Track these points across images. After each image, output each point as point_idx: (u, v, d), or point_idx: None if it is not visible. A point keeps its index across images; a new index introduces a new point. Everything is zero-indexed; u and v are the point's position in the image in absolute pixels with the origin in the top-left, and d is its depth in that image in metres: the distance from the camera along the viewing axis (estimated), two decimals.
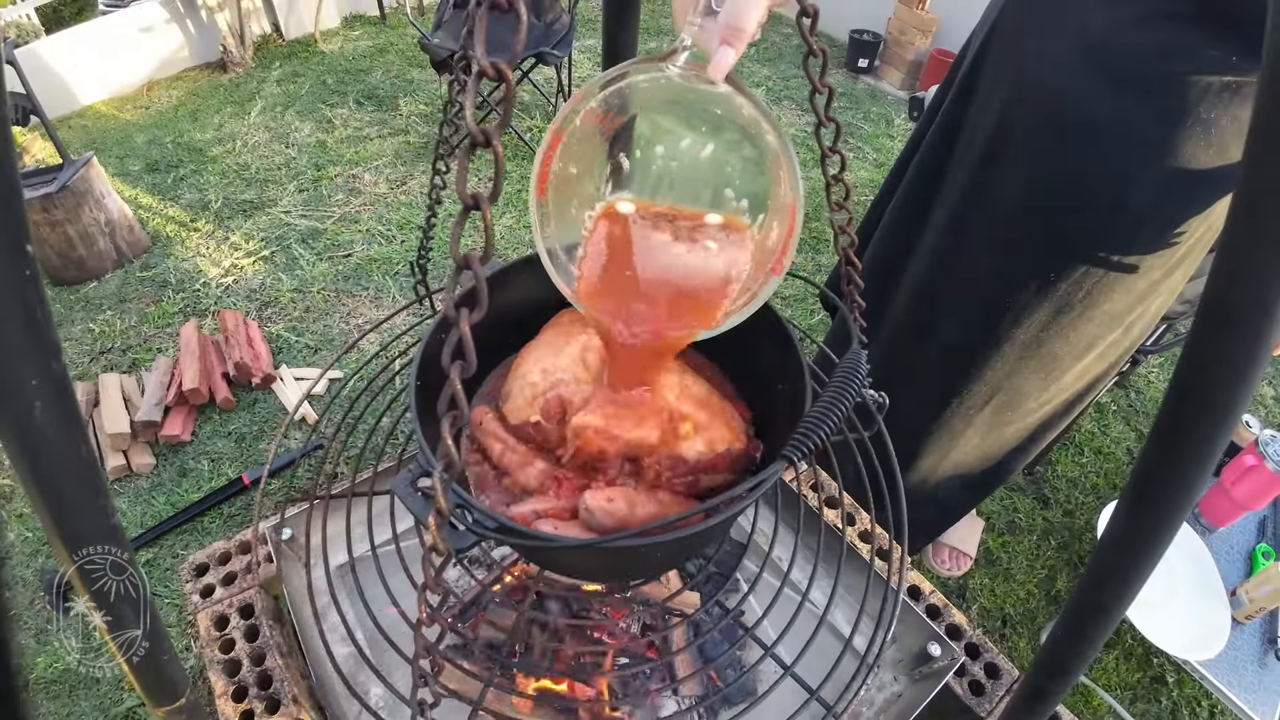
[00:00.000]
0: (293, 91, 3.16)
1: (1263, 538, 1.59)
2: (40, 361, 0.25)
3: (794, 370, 0.53)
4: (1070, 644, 0.47)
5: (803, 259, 2.46)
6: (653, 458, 0.52)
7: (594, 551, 0.46)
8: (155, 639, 0.42)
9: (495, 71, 0.24)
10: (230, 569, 1.10)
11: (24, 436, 0.27)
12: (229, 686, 0.95)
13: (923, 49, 3.36)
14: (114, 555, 0.35)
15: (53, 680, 1.35)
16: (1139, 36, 0.76)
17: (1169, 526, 0.37)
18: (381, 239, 2.39)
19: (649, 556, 0.49)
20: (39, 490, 0.30)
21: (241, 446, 1.75)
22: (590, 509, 0.48)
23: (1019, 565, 1.66)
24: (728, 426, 0.54)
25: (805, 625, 0.64)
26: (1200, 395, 0.32)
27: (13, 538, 1.57)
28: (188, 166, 2.69)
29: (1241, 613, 1.40)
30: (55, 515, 0.31)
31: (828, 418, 0.39)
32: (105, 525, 0.33)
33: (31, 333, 0.24)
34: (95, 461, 0.31)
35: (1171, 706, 1.46)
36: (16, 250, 0.23)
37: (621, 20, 0.79)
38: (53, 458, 0.29)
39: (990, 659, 1.00)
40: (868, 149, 3.03)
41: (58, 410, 0.27)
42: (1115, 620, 0.44)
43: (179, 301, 2.13)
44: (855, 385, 0.41)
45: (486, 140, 0.24)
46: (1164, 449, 0.34)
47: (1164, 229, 0.85)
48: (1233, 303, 0.30)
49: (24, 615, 1.44)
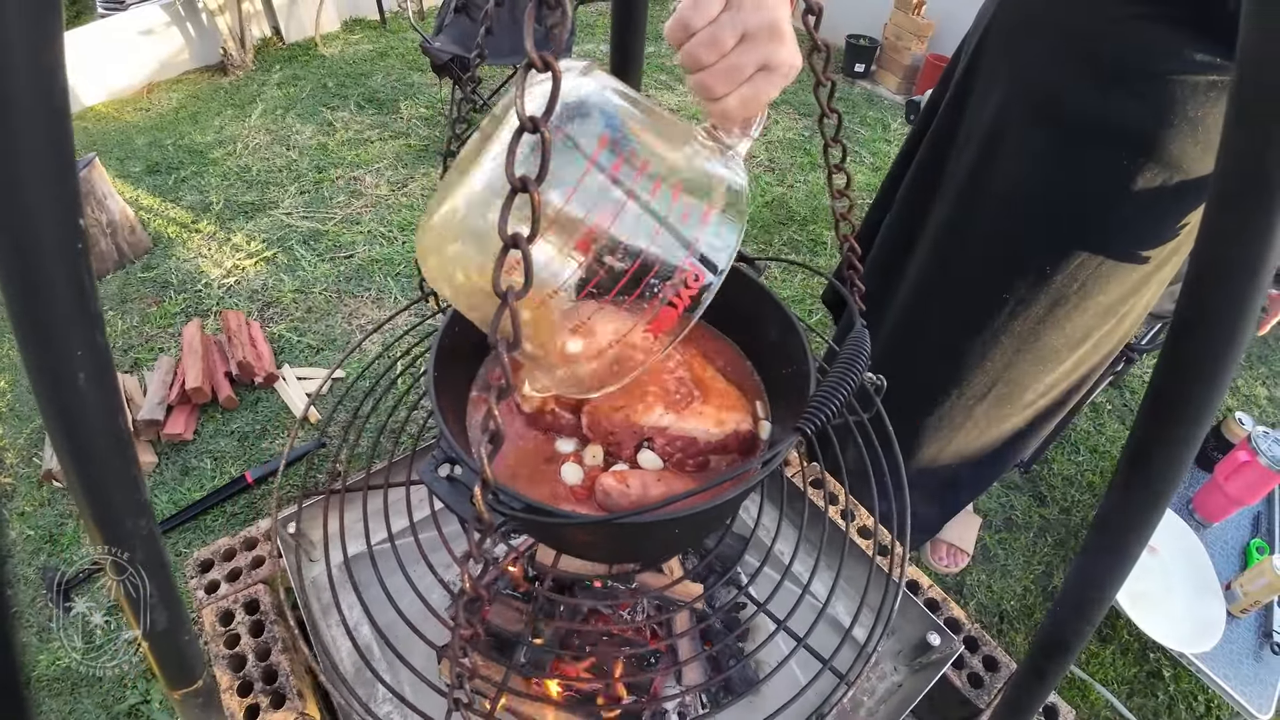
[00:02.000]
0: (293, 94, 3.18)
1: (1257, 533, 1.61)
2: (86, 332, 0.26)
3: (798, 353, 0.55)
4: (1068, 621, 0.48)
5: (802, 260, 2.48)
6: (664, 439, 0.53)
7: (611, 529, 0.47)
8: (176, 618, 0.43)
9: (544, 64, 0.25)
10: (235, 565, 1.11)
11: (65, 405, 0.28)
12: (234, 681, 0.96)
13: (919, 54, 3.39)
14: (142, 529, 0.36)
15: (55, 678, 1.35)
16: (1128, 37, 0.79)
17: (1161, 499, 0.38)
18: (383, 240, 2.40)
19: (665, 533, 0.50)
20: (74, 460, 0.31)
21: (244, 445, 1.76)
22: (606, 490, 0.50)
23: (1016, 562, 1.67)
24: (736, 408, 0.56)
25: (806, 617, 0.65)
26: (1187, 373, 0.33)
27: (15, 536, 1.57)
28: (189, 168, 2.70)
29: (1236, 607, 1.41)
30: (87, 486, 0.33)
31: (837, 392, 0.40)
32: (136, 500, 0.34)
33: (81, 303, 0.26)
34: (130, 437, 0.32)
35: (1168, 701, 1.48)
36: (70, 223, 0.24)
37: (629, 25, 0.81)
38: (91, 429, 0.30)
39: (989, 652, 1.01)
40: (864, 153, 3.06)
41: (99, 382, 0.28)
42: (1110, 596, 0.45)
43: (180, 302, 2.14)
44: (862, 361, 0.43)
45: (535, 127, 0.26)
46: (1156, 422, 0.35)
47: (1155, 224, 0.87)
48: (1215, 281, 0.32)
49: (26, 613, 1.44)
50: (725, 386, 0.58)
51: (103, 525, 0.34)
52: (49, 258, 0.24)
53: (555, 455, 0.56)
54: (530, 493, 0.51)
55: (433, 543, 0.73)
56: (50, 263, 0.24)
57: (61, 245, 0.24)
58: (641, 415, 0.53)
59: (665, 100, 3.30)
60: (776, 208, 2.70)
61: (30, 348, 0.27)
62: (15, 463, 1.72)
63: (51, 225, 0.23)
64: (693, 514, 0.43)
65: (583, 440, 0.57)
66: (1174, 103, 0.77)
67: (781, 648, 0.79)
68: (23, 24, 0.21)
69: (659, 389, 0.54)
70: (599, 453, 0.55)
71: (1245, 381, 2.25)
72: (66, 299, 0.25)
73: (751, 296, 0.62)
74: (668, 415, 0.53)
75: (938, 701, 1.01)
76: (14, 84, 0.22)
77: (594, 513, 0.49)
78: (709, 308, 0.52)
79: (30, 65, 0.22)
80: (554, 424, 0.57)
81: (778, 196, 2.76)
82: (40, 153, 0.23)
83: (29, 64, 0.22)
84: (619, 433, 0.53)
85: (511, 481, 0.54)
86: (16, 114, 0.22)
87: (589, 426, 0.55)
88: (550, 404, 0.56)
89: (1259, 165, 0.28)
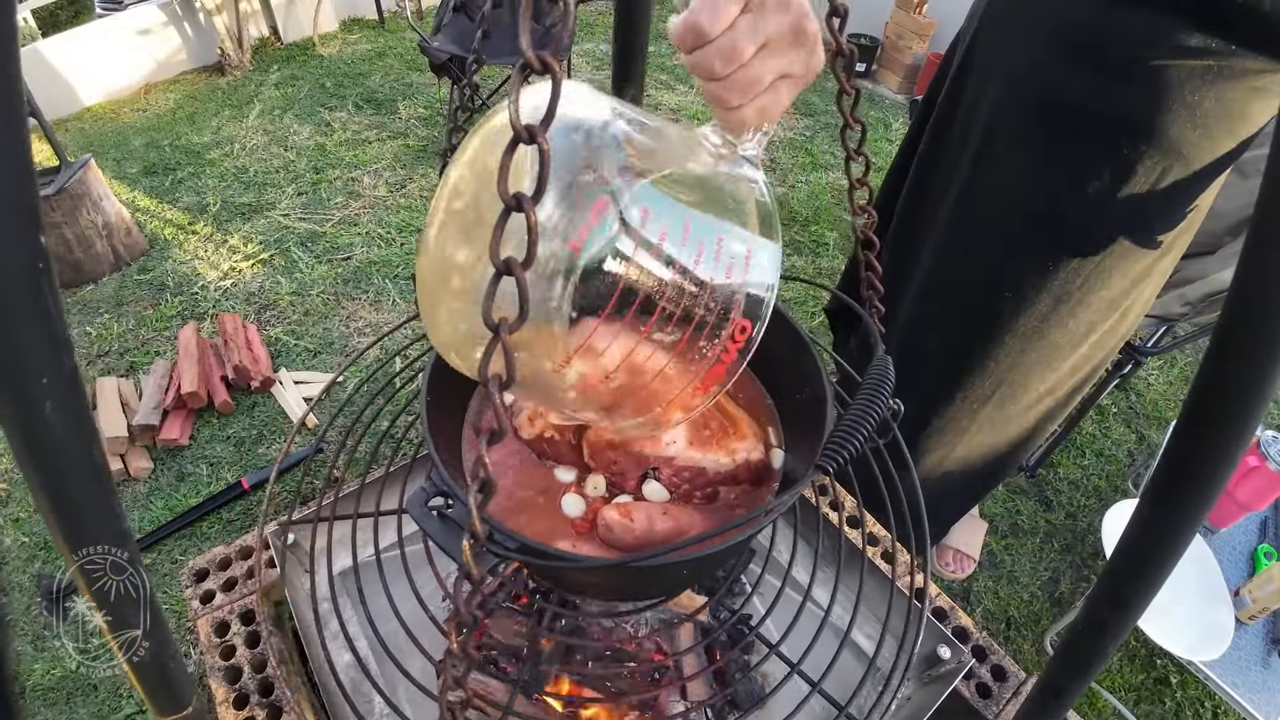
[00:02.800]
0: (291, 95, 3.15)
1: (1264, 538, 1.59)
2: (52, 357, 0.25)
3: (813, 376, 0.52)
4: (1088, 641, 0.46)
5: (803, 262, 2.46)
6: (671, 469, 0.50)
7: (616, 571, 0.45)
8: (160, 642, 0.41)
9: (542, 64, 0.23)
10: (231, 574, 1.09)
11: (32, 436, 0.27)
12: (230, 693, 0.94)
13: (920, 53, 3.37)
14: (118, 556, 0.34)
15: (50, 687, 1.33)
16: (1120, 22, 0.77)
17: (1191, 523, 0.36)
18: (381, 242, 2.38)
19: (674, 574, 0.47)
20: (46, 493, 0.29)
21: (240, 451, 1.74)
22: (609, 524, 0.46)
23: (1022, 568, 1.66)
24: (748, 436, 0.53)
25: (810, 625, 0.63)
26: (1224, 395, 0.31)
27: (9, 542, 1.55)
28: (186, 169, 2.68)
29: (1245, 613, 1.40)
30: (62, 518, 0.31)
31: (861, 426, 0.38)
32: (115, 529, 0.32)
33: (44, 327, 0.24)
34: (105, 463, 0.30)
35: (1175, 708, 1.46)
36: (30, 240, 0.22)
37: (631, 24, 0.79)
38: (62, 459, 0.28)
39: (997, 661, 0.99)
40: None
41: (69, 409, 0.26)
42: (1135, 618, 0.43)
43: (177, 305, 2.12)
44: (886, 393, 0.40)
45: (531, 136, 0.24)
46: (1188, 446, 0.33)
47: (1158, 210, 0.86)
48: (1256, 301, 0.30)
49: (21, 621, 1.42)
50: (736, 412, 0.56)
51: (78, 556, 0.32)
52: (7, 280, 0.22)
53: (555, 485, 0.53)
54: (527, 526, 0.48)
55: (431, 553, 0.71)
56: (8, 285, 0.22)
57: (22, 267, 0.22)
58: (647, 443, 0.50)
59: (665, 101, 3.28)
60: (778, 209, 2.68)
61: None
62: (10, 468, 1.70)
63: (8, 245, 0.22)
64: (701, 557, 0.41)
65: (584, 469, 0.53)
66: (1169, 88, 0.76)
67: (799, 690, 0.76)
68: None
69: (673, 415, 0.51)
70: (601, 483, 0.52)
71: None
72: (28, 324, 0.23)
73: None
74: (675, 444, 0.50)
75: (947, 713, 0.99)
76: None
77: (595, 549, 0.46)
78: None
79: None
80: (553, 452, 0.54)
81: (779, 197, 2.74)
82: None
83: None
84: (622, 462, 0.50)
85: (508, 513, 0.51)
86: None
87: (591, 455, 0.52)
88: (550, 430, 0.53)
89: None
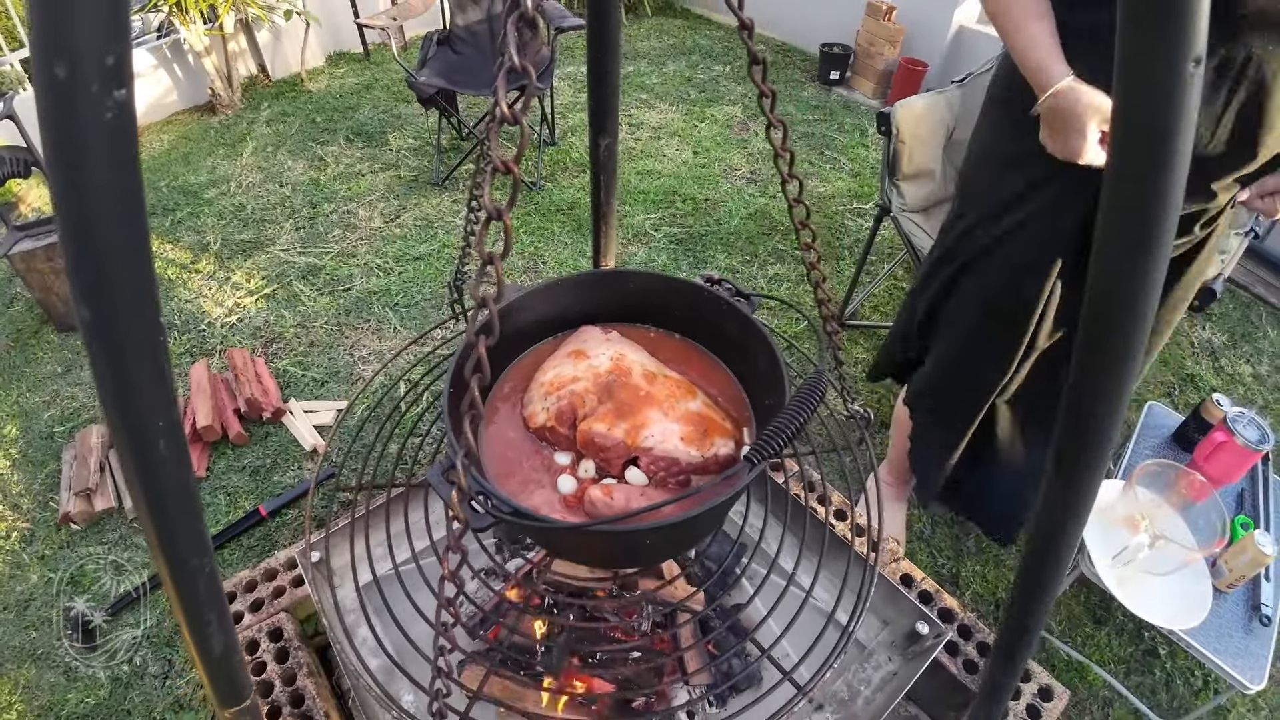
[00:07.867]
0: (283, 131, 3.24)
1: (1241, 509, 1.66)
2: (166, 408, 0.32)
3: (779, 386, 0.60)
4: (1025, 606, 0.54)
5: (785, 270, 2.54)
6: (649, 458, 0.59)
7: (590, 535, 0.55)
8: (231, 643, 0.48)
9: (512, 116, 0.32)
10: (258, 595, 1.15)
11: (146, 465, 0.34)
12: (263, 706, 1.00)
13: (892, 59, 3.48)
14: (205, 566, 0.41)
15: (83, 715, 1.39)
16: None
17: (1088, 491, 0.44)
18: (379, 272, 2.46)
19: (639, 541, 0.57)
20: (150, 510, 0.37)
21: (256, 480, 1.80)
22: (593, 500, 0.57)
23: (1009, 551, 1.72)
24: (719, 433, 0.62)
25: (794, 606, 0.70)
26: (1094, 380, 0.39)
27: (35, 579, 1.61)
28: (184, 209, 2.76)
29: (1223, 582, 1.46)
30: (160, 531, 0.38)
31: (786, 428, 0.46)
32: (201, 542, 0.40)
33: (161, 384, 0.31)
34: (196, 490, 0.38)
35: (1165, 678, 1.53)
36: (152, 319, 0.30)
37: (603, 45, 0.87)
38: (167, 485, 0.35)
39: (982, 639, 1.06)
40: (843, 159, 3.13)
41: (174, 447, 0.34)
42: (1059, 576, 0.51)
43: (185, 342, 2.19)
44: (814, 400, 0.49)
45: (499, 214, 0.32)
46: (1073, 426, 0.41)
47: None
48: (1111, 298, 0.38)
49: (51, 655, 1.48)
50: (710, 413, 0.65)
51: (171, 564, 0.40)
52: (140, 352, 0.29)
53: (554, 466, 0.64)
54: (528, 500, 0.58)
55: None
56: (140, 355, 0.30)
57: (150, 344, 0.29)
58: (630, 436, 0.60)
59: (646, 119, 3.38)
60: (760, 219, 2.77)
61: (116, 419, 0.32)
62: (32, 507, 1.76)
63: (145, 329, 0.29)
64: (658, 526, 0.50)
65: (579, 454, 0.64)
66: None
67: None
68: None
69: (649, 416, 0.60)
70: (592, 467, 0.62)
71: (1229, 360, 2.30)
72: (151, 383, 0.30)
73: (743, 330, 0.69)
74: (654, 437, 0.59)
75: (937, 689, 1.06)
76: (97, 206, 0.27)
77: (582, 520, 0.56)
78: (711, 338, 0.60)
79: (117, 214, 0.28)
80: (555, 440, 0.64)
81: (761, 208, 2.83)
82: (128, 273, 0.29)
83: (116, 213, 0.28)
84: (609, 450, 0.60)
85: (519, 486, 0.62)
86: (102, 237, 0.28)
87: (582, 444, 0.62)
88: (551, 422, 0.63)
89: None
